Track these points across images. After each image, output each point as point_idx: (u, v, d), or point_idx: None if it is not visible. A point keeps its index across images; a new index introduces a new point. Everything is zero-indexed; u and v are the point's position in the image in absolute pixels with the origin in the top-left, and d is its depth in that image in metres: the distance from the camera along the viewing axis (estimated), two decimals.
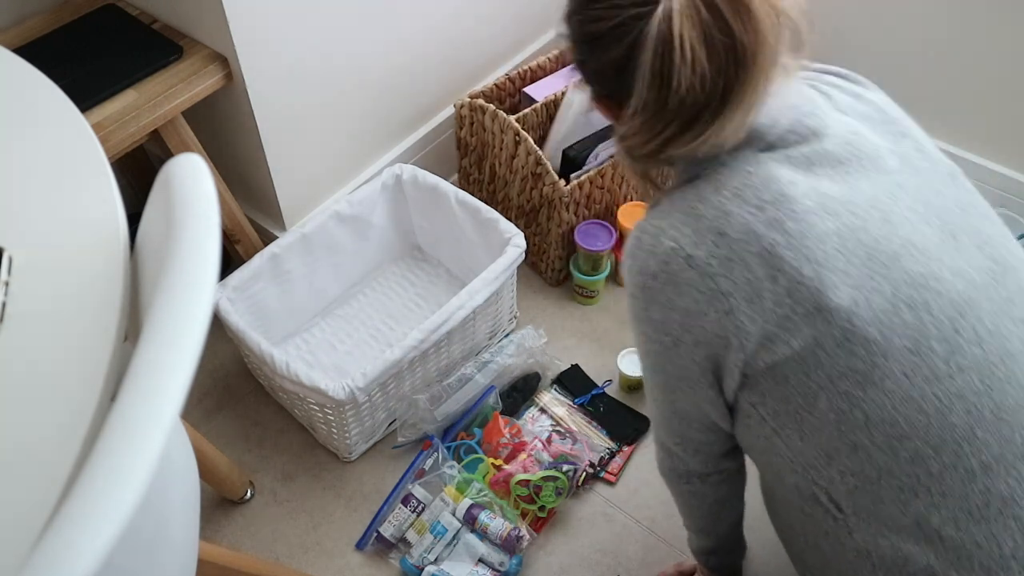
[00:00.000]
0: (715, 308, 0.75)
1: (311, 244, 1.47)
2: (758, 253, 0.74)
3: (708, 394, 0.83)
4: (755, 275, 0.74)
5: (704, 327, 0.77)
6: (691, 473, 0.97)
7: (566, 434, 1.43)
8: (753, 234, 0.74)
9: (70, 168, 0.78)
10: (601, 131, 1.56)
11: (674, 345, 0.80)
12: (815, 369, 0.75)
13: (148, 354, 0.52)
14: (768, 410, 0.80)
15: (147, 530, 0.67)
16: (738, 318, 0.75)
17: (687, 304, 0.77)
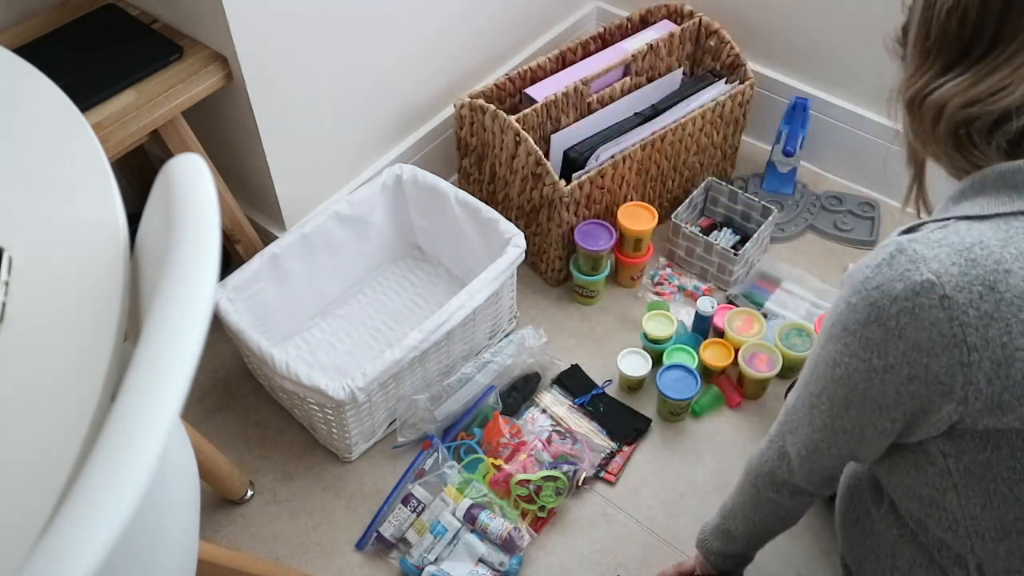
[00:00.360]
0: (952, 355, 0.70)
1: (311, 244, 1.47)
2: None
3: (887, 426, 0.79)
4: (1014, 343, 0.69)
5: (929, 366, 0.72)
6: (789, 486, 0.96)
7: (566, 434, 1.43)
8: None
9: (70, 168, 0.78)
10: (602, 131, 1.56)
11: (884, 370, 0.75)
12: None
13: (148, 354, 0.52)
14: (960, 466, 0.76)
15: (147, 530, 0.67)
16: (975, 375, 0.70)
17: (921, 339, 0.71)
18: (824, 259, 1.70)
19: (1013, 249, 0.70)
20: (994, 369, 0.69)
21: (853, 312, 0.75)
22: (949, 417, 0.73)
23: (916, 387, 0.73)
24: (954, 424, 0.74)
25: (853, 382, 0.78)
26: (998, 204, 0.72)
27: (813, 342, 1.46)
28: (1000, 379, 0.70)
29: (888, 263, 0.73)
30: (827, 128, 1.76)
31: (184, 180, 0.61)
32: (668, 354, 1.48)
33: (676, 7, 1.74)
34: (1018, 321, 0.69)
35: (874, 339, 0.74)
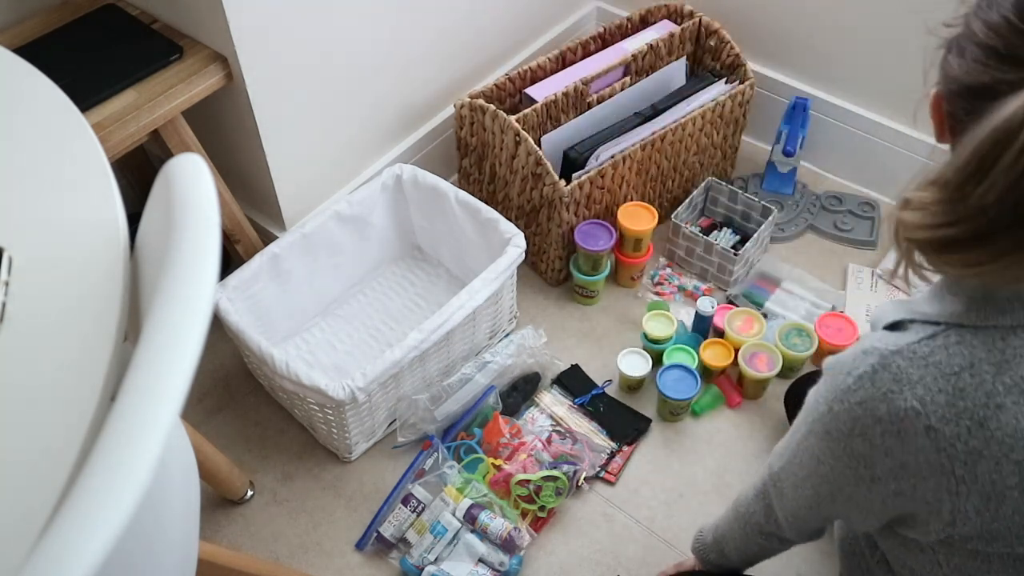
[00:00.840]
0: (940, 482, 0.67)
1: (311, 244, 1.47)
2: (1018, 462, 0.65)
3: (873, 522, 0.77)
4: (1005, 481, 0.65)
5: (916, 487, 0.68)
6: (777, 536, 0.95)
7: (566, 434, 1.43)
8: (1022, 443, 0.64)
9: (70, 168, 0.78)
10: (602, 132, 1.56)
11: (871, 480, 0.72)
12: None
13: (148, 354, 0.52)
14: (951, 563, 0.74)
15: (147, 530, 0.67)
16: (963, 504, 0.67)
17: (907, 460, 0.68)
18: (824, 259, 1.70)
19: (1007, 379, 0.64)
20: (983, 503, 0.66)
21: (836, 420, 0.72)
22: (937, 533, 0.71)
23: (904, 501, 0.71)
24: (941, 539, 0.71)
25: (839, 483, 0.75)
26: (996, 313, 0.65)
27: (813, 343, 1.46)
28: (990, 512, 0.67)
29: (871, 378, 0.68)
30: (827, 128, 1.76)
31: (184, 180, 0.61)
32: (668, 354, 1.48)
33: (676, 7, 1.74)
34: (1008, 461, 0.65)
35: (859, 450, 0.71)
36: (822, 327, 1.47)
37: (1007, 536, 0.68)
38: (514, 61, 1.83)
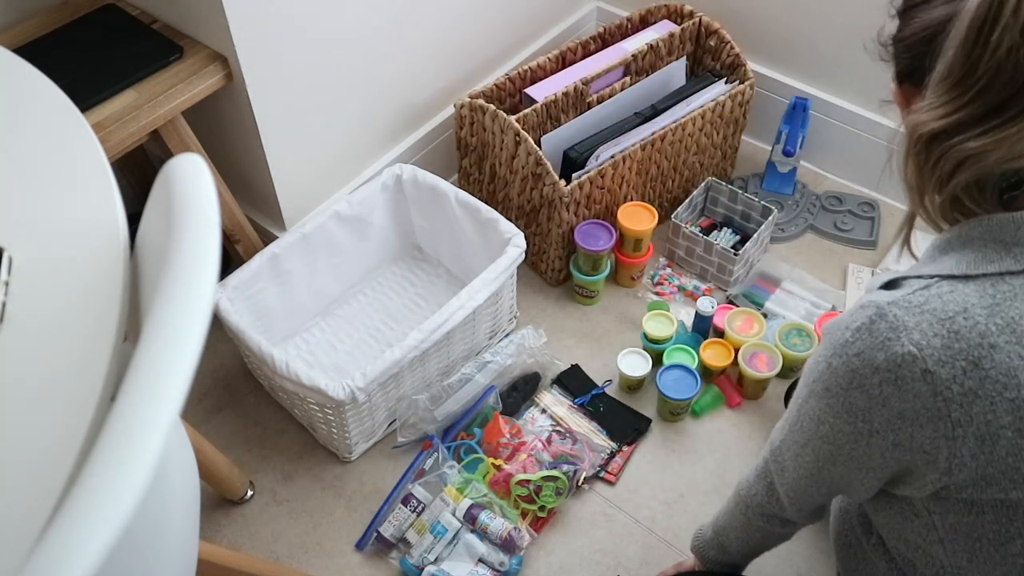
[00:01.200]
0: (937, 428, 0.68)
1: (311, 244, 1.47)
2: (1012, 400, 0.66)
3: (873, 482, 0.78)
4: (999, 420, 0.67)
5: (914, 436, 0.70)
6: (779, 518, 0.95)
7: (566, 434, 1.43)
8: (1015, 381, 0.66)
9: (70, 168, 0.78)
10: (602, 132, 1.56)
11: (869, 434, 0.73)
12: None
13: (148, 354, 0.52)
14: (945, 523, 0.76)
15: (147, 530, 0.67)
16: (959, 449, 0.68)
17: (905, 409, 0.69)
18: (824, 259, 1.70)
19: (999, 320, 0.66)
20: (978, 445, 0.68)
21: (834, 375, 0.73)
22: (933, 484, 0.72)
23: (901, 453, 0.72)
24: (938, 490, 0.73)
25: (839, 442, 0.77)
26: (985, 262, 0.69)
27: (813, 343, 1.46)
28: (984, 455, 0.68)
29: (868, 329, 0.70)
30: (827, 128, 1.76)
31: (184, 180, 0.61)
32: (668, 354, 1.48)
33: (676, 7, 1.74)
34: (1003, 400, 0.66)
35: (858, 404, 0.72)
36: (822, 327, 1.47)
37: (1001, 480, 0.69)
38: (514, 61, 1.83)
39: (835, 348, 0.73)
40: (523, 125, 1.50)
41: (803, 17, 1.68)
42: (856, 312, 0.72)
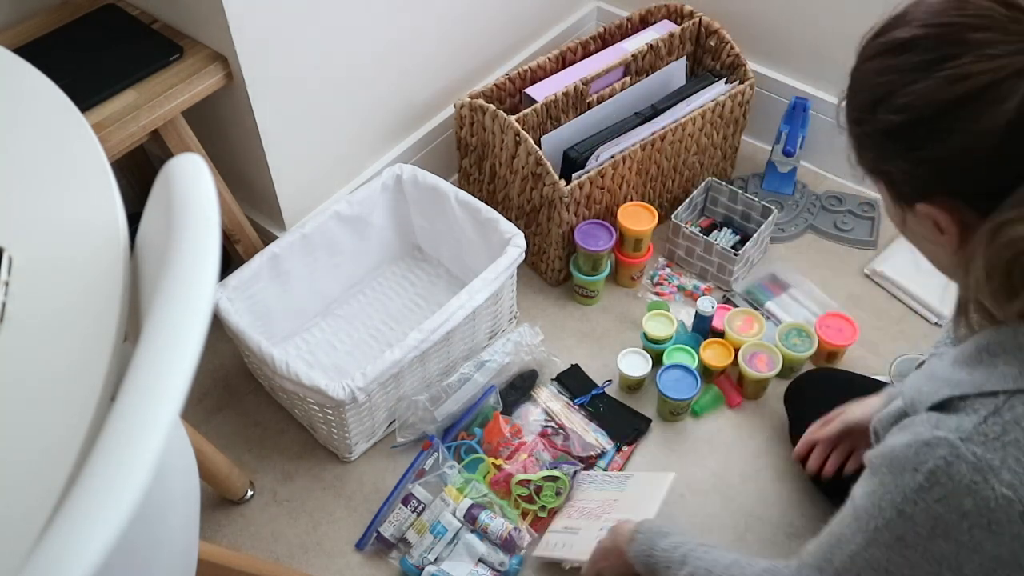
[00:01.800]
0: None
1: (311, 244, 1.47)
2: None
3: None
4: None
5: (1012, 575, 0.64)
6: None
7: (558, 430, 1.43)
8: None
9: (70, 168, 0.78)
10: (602, 132, 1.56)
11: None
12: None
13: (148, 354, 0.52)
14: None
15: (147, 531, 0.67)
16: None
17: (1002, 553, 0.63)
18: (824, 259, 1.70)
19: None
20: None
21: (911, 523, 0.66)
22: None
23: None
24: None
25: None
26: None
27: (813, 343, 1.46)
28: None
29: (946, 472, 0.63)
30: (827, 128, 1.76)
31: (184, 180, 0.61)
32: (668, 354, 1.48)
33: (676, 7, 1.74)
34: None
35: (944, 552, 0.66)
36: (822, 327, 1.47)
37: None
38: (514, 61, 1.83)
39: (906, 493, 0.66)
40: (523, 125, 1.50)
41: (803, 17, 1.68)
42: (922, 450, 0.65)
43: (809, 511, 1.35)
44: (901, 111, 0.64)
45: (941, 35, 0.62)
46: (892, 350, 1.52)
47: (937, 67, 0.61)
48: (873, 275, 1.65)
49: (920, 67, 0.62)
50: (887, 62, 0.65)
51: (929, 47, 0.62)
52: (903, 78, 0.63)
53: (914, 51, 0.63)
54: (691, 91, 1.63)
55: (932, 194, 0.66)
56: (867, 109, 0.67)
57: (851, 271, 1.67)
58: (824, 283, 1.65)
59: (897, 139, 0.65)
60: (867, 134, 0.68)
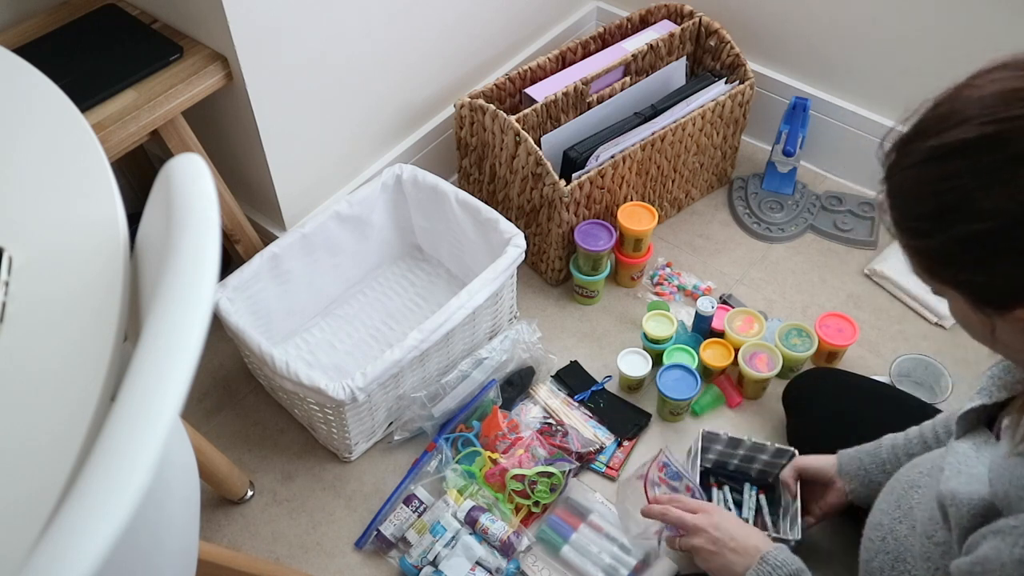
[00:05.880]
0: None
1: (311, 244, 1.47)
2: None
3: None
4: None
5: None
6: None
7: (557, 426, 1.43)
8: None
9: (70, 168, 0.78)
10: (602, 132, 1.56)
11: None
12: None
13: (148, 354, 0.52)
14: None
15: (147, 530, 0.67)
16: None
17: None
18: (824, 259, 1.70)
19: None
20: None
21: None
22: None
23: None
24: None
25: None
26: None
27: (813, 343, 1.46)
28: None
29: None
30: (827, 128, 1.76)
31: (184, 180, 0.61)
32: (668, 354, 1.48)
33: (676, 7, 1.74)
34: None
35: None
36: (822, 327, 1.47)
37: None
38: (514, 61, 1.83)
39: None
40: (523, 125, 1.50)
41: (803, 17, 1.68)
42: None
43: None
44: (988, 217, 0.59)
45: (1015, 130, 0.58)
46: (892, 350, 1.52)
47: (1018, 165, 0.57)
48: (873, 275, 1.65)
49: (999, 166, 0.58)
50: (949, 167, 0.60)
51: (1004, 144, 0.58)
52: (980, 181, 0.59)
53: (986, 151, 0.59)
54: (691, 91, 1.63)
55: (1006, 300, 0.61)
56: (934, 220, 0.62)
57: (851, 271, 1.67)
58: (824, 283, 1.65)
59: (984, 246, 0.60)
60: (941, 244, 0.63)
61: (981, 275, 0.62)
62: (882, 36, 1.60)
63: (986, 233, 0.60)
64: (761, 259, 1.70)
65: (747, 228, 1.75)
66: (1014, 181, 0.57)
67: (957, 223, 0.60)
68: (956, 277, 0.65)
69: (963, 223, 0.60)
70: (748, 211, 1.77)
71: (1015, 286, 0.61)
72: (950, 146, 0.60)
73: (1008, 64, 0.60)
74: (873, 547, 0.93)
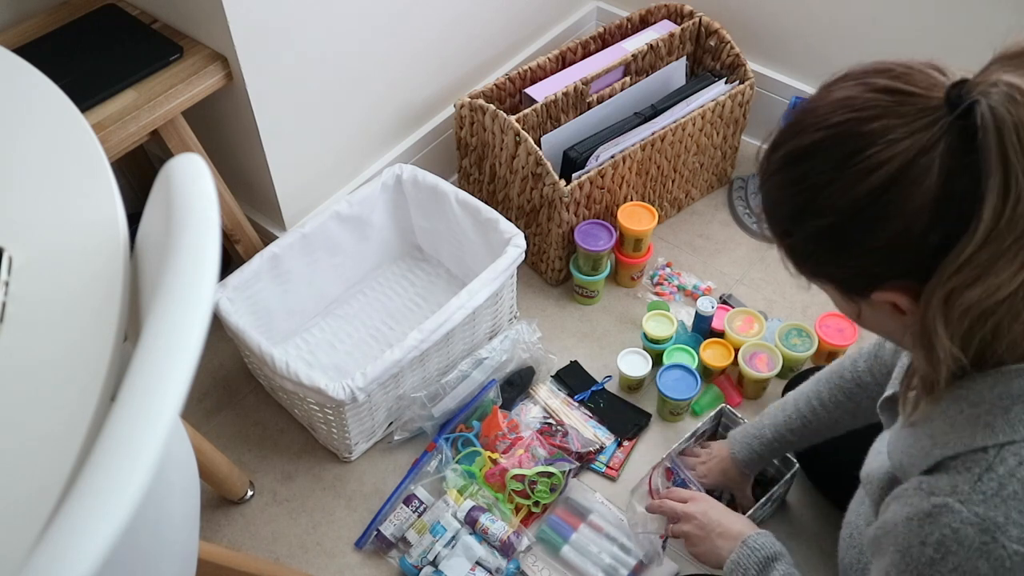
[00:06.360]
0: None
1: (311, 244, 1.47)
2: None
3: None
4: None
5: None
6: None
7: (557, 426, 1.43)
8: None
9: (70, 168, 0.78)
10: (602, 132, 1.56)
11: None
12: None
13: (148, 354, 0.52)
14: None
15: (147, 530, 0.67)
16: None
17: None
18: None
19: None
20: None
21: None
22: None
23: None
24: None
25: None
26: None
27: (813, 343, 1.46)
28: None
29: (955, 540, 0.63)
30: None
31: (184, 180, 0.61)
32: (668, 354, 1.48)
33: (676, 7, 1.74)
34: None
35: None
36: (822, 327, 1.47)
37: None
38: (514, 61, 1.83)
39: (920, 569, 0.65)
40: (523, 125, 1.51)
41: (803, 17, 1.68)
42: (925, 522, 0.65)
43: (808, 511, 1.35)
44: (827, 213, 0.65)
45: (840, 134, 0.63)
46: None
47: (848, 164, 0.63)
48: None
49: (831, 168, 0.64)
50: (797, 171, 0.67)
51: (833, 147, 0.64)
52: (818, 181, 0.65)
53: (820, 155, 0.65)
54: (691, 91, 1.63)
55: (883, 281, 0.67)
56: (791, 220, 0.69)
57: None
58: None
59: (831, 240, 0.67)
60: (800, 242, 0.70)
61: (831, 265, 0.69)
62: (882, 36, 1.60)
63: (829, 228, 0.66)
64: (761, 259, 1.70)
65: (747, 228, 1.75)
66: (842, 179, 0.63)
67: (808, 221, 0.67)
68: (815, 269, 0.71)
69: (812, 220, 0.66)
70: (748, 211, 1.77)
71: (862, 274, 0.67)
72: (794, 153, 0.67)
73: (849, 74, 0.66)
74: (844, 544, 0.97)
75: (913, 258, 0.64)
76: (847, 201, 0.63)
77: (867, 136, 0.62)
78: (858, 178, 0.62)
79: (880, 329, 0.75)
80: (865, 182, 0.62)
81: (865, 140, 0.62)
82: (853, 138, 0.63)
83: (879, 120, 0.62)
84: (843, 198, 0.64)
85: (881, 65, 0.65)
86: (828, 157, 0.64)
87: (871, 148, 0.61)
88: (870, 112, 0.62)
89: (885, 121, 0.61)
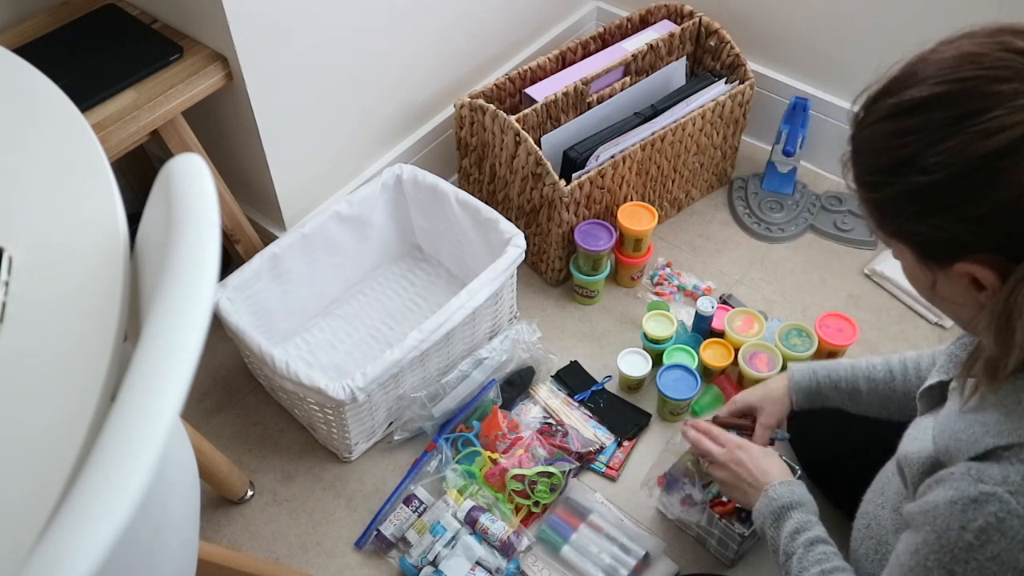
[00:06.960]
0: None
1: (311, 244, 1.47)
2: None
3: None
4: None
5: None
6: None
7: (557, 426, 1.43)
8: None
9: (70, 168, 0.78)
10: (602, 132, 1.56)
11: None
12: None
13: (148, 354, 0.52)
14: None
15: (147, 530, 0.67)
16: None
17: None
18: (824, 259, 1.70)
19: None
20: None
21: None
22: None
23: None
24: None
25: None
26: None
27: (813, 343, 1.46)
28: None
29: (998, 529, 0.62)
30: (827, 128, 1.76)
31: (184, 180, 0.61)
32: (668, 354, 1.48)
33: (676, 7, 1.74)
34: None
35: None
36: (822, 327, 1.47)
37: None
38: (514, 61, 1.83)
39: (955, 553, 0.64)
40: (523, 125, 1.51)
41: (803, 17, 1.68)
42: (969, 507, 0.64)
43: None
44: (933, 170, 0.61)
45: (965, 90, 0.60)
46: (892, 350, 1.52)
47: (968, 123, 0.59)
48: (873, 275, 1.65)
49: (947, 124, 0.60)
50: (905, 122, 0.63)
51: (954, 103, 0.61)
52: (929, 137, 0.61)
53: (937, 109, 0.61)
54: (691, 91, 1.63)
55: (971, 252, 0.64)
56: (887, 172, 0.65)
57: (851, 271, 1.67)
58: (824, 283, 1.65)
59: (929, 200, 0.63)
60: (890, 197, 0.66)
61: (921, 226, 0.65)
62: (882, 36, 1.60)
63: (929, 186, 0.62)
64: (761, 259, 1.70)
65: (747, 228, 1.75)
66: (958, 137, 0.60)
67: (907, 176, 0.63)
68: (900, 228, 0.68)
69: (912, 176, 0.63)
70: (748, 211, 1.77)
71: (951, 240, 0.64)
72: (907, 104, 0.64)
73: (974, 33, 0.64)
74: (859, 535, 0.96)
75: (1013, 232, 0.61)
76: (957, 161, 0.60)
77: (993, 97, 0.59)
78: (974, 139, 0.59)
79: (951, 302, 0.71)
80: (981, 144, 0.59)
81: (991, 100, 0.59)
82: (978, 97, 0.60)
83: (1009, 82, 0.59)
84: (953, 157, 0.60)
85: (1018, 26, 0.62)
86: (946, 112, 0.61)
87: (996, 110, 0.58)
88: (1000, 72, 0.59)
89: (1017, 84, 0.59)
